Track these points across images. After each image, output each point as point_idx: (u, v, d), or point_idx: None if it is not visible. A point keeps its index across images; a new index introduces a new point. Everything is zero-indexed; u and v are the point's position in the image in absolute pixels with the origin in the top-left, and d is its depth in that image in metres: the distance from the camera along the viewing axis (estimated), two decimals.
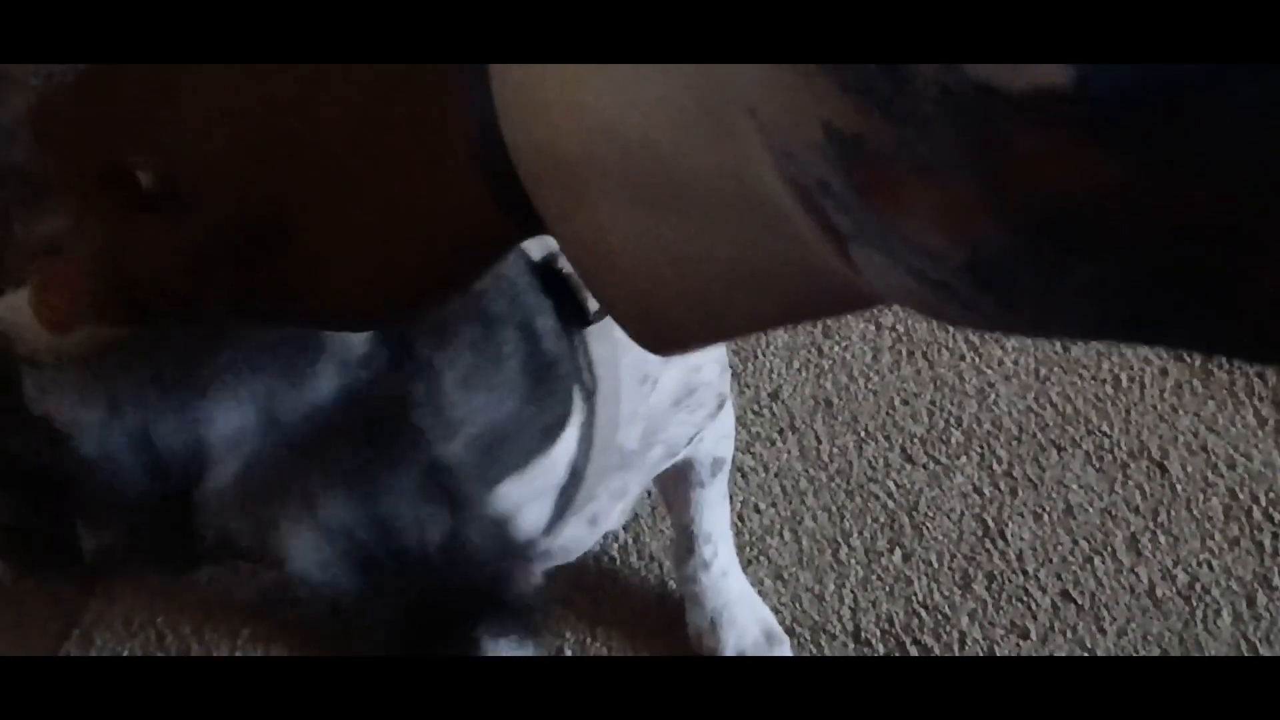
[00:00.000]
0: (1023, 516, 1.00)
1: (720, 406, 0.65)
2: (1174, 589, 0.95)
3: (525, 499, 0.48)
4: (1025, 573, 0.97)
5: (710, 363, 0.62)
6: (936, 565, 0.98)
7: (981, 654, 0.93)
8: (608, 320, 0.46)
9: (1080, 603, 0.95)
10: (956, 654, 0.93)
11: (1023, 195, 0.16)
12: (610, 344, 0.50)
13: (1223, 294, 0.16)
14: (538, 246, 0.47)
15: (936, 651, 0.93)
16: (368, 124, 0.26)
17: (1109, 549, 0.98)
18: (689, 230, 0.22)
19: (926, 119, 0.17)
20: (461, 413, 0.42)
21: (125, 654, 0.95)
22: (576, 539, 0.64)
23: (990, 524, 1.00)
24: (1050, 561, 0.97)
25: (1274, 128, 0.14)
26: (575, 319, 0.48)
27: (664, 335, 0.25)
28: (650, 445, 0.61)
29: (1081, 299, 0.17)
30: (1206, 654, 0.92)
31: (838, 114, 0.18)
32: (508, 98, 0.23)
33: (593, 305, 0.47)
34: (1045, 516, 1.00)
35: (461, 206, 0.25)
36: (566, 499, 0.51)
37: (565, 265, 0.47)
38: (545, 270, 0.47)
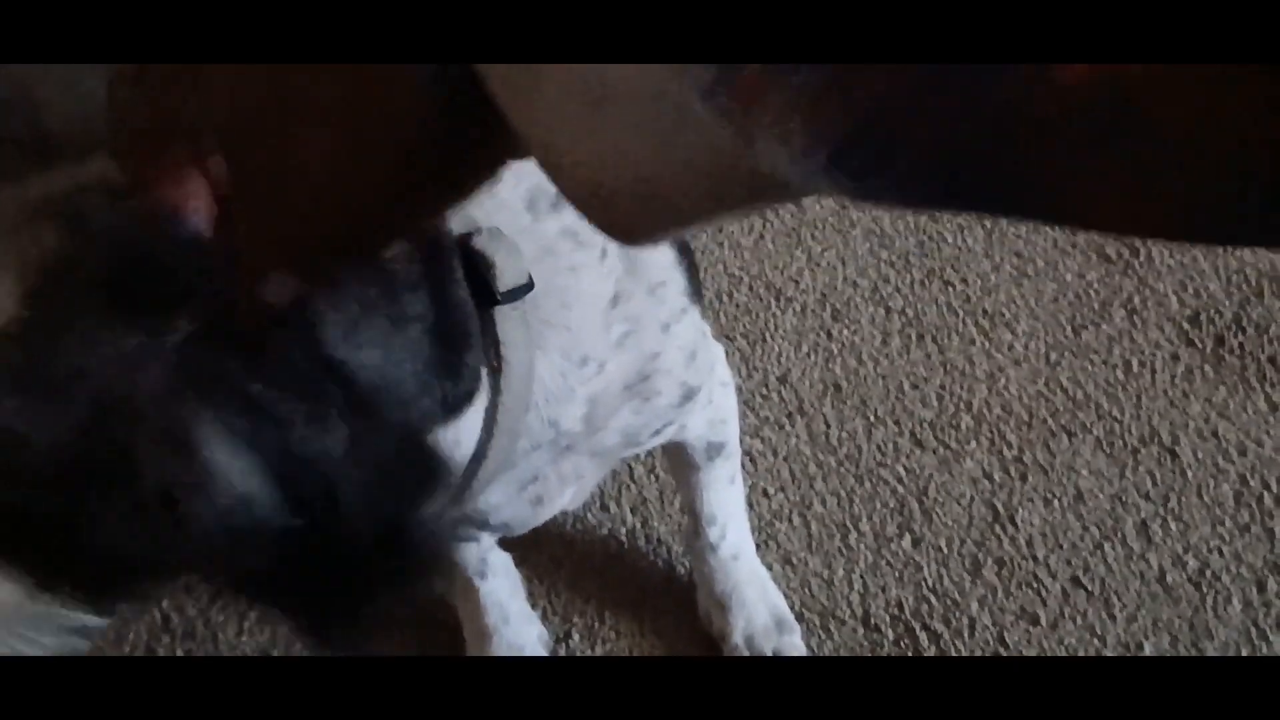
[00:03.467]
0: (1033, 502, 1.00)
1: (687, 398, 0.63)
2: (1184, 575, 0.95)
3: None
4: (1035, 559, 0.96)
5: (672, 350, 0.60)
6: (946, 551, 0.97)
7: (991, 639, 0.93)
8: (520, 303, 0.47)
9: (1090, 589, 0.95)
10: (966, 639, 0.93)
11: (853, 96, 0.21)
12: (522, 326, 0.50)
13: (1000, 178, 0.21)
14: (457, 222, 0.47)
15: (946, 637, 0.93)
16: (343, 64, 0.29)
17: (1119, 535, 0.98)
18: (628, 127, 0.25)
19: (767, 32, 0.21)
20: (344, 361, 0.42)
21: (130, 635, 0.95)
22: (519, 517, 0.64)
23: (1000, 509, 0.99)
24: (1060, 547, 0.97)
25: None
26: (484, 298, 0.48)
27: (620, 224, 0.29)
28: (601, 430, 0.59)
29: (907, 178, 0.22)
30: (1216, 640, 0.91)
31: None
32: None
33: (500, 286, 0.48)
34: (1055, 502, 1.00)
35: (416, 117, 0.29)
36: (468, 476, 0.51)
37: (478, 242, 0.48)
38: (461, 246, 0.47)
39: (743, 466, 0.99)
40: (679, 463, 0.86)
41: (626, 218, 0.28)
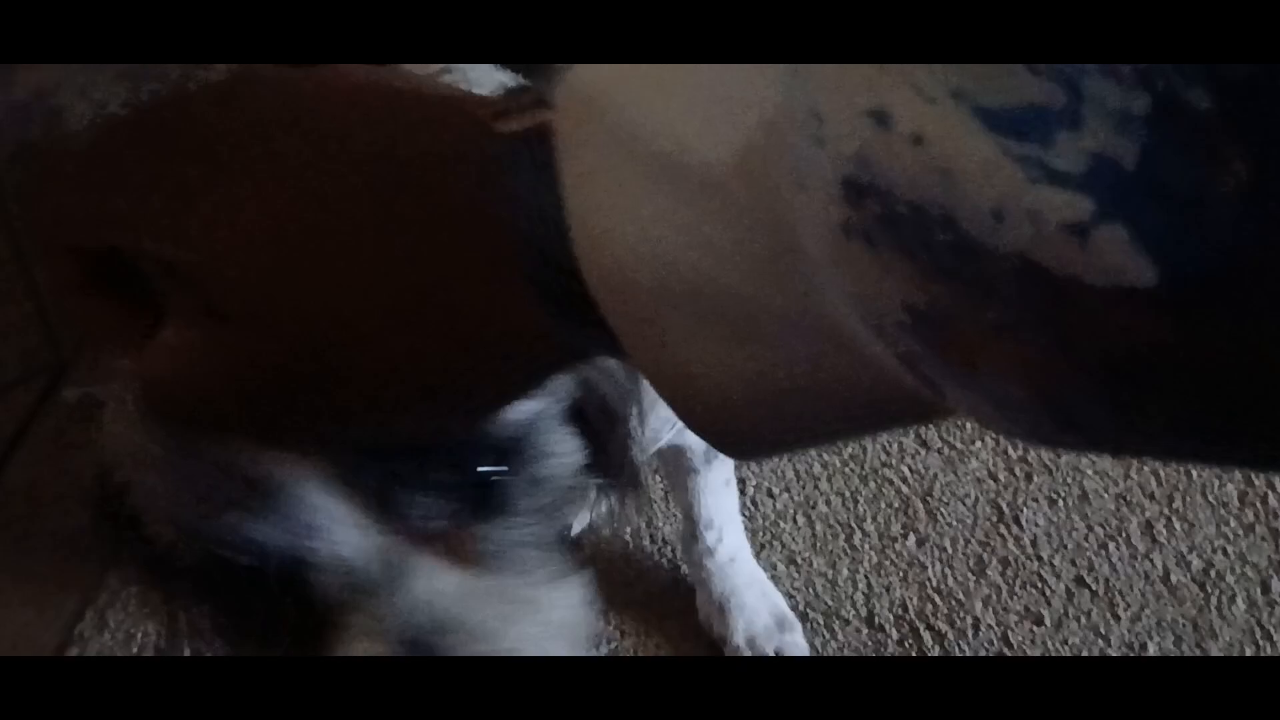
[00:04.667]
0: (1038, 502, 1.00)
1: None
2: (1188, 575, 0.95)
3: None
4: (1040, 558, 0.97)
5: None
6: (951, 551, 0.98)
7: (995, 639, 0.93)
8: None
9: (1095, 589, 0.95)
10: (970, 639, 0.93)
11: (1094, 352, 0.18)
12: None
13: None
14: None
15: (950, 637, 0.93)
16: (423, 258, 0.26)
17: (1124, 535, 0.98)
18: (764, 356, 0.23)
19: (1000, 291, 0.18)
20: None
21: (139, 634, 0.95)
22: None
23: (1005, 509, 1.00)
24: (1065, 547, 0.97)
25: None
26: None
27: (744, 448, 0.26)
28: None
29: (1155, 433, 0.19)
30: (1221, 640, 0.92)
31: (918, 294, 0.19)
32: (583, 240, 0.24)
33: None
34: (1060, 502, 1.00)
35: (522, 335, 0.26)
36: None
37: None
38: None
39: (747, 467, 0.99)
40: (676, 468, 0.86)
41: (751, 442, 0.26)
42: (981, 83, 0.18)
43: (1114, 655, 0.91)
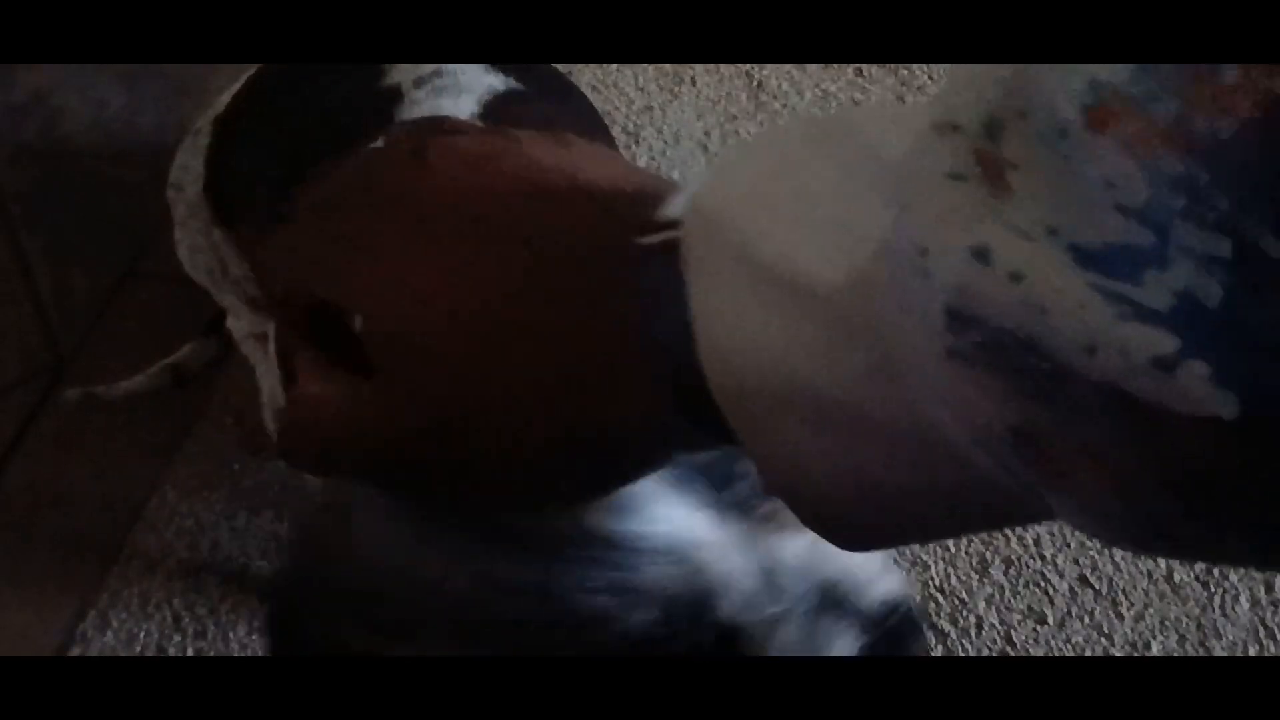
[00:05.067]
0: None
1: None
2: (1192, 574, 0.95)
3: None
4: (1043, 557, 0.97)
5: None
6: (954, 550, 0.97)
7: (998, 639, 0.93)
8: None
9: (1098, 588, 0.95)
10: (973, 638, 0.93)
11: (1179, 473, 0.19)
12: None
13: None
14: None
15: (953, 636, 0.93)
16: (565, 349, 0.29)
17: None
18: (872, 460, 0.25)
19: (1091, 415, 0.20)
20: None
21: (141, 634, 0.95)
22: None
23: None
24: (1068, 546, 0.97)
25: None
26: None
27: (852, 540, 0.29)
28: None
29: (1239, 546, 0.21)
30: (1224, 639, 0.91)
31: (1014, 414, 0.21)
32: (707, 349, 0.26)
33: None
34: None
35: (648, 426, 0.29)
36: None
37: None
38: None
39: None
40: None
41: (858, 535, 0.28)
42: (1075, 221, 0.19)
43: (1117, 655, 0.91)
